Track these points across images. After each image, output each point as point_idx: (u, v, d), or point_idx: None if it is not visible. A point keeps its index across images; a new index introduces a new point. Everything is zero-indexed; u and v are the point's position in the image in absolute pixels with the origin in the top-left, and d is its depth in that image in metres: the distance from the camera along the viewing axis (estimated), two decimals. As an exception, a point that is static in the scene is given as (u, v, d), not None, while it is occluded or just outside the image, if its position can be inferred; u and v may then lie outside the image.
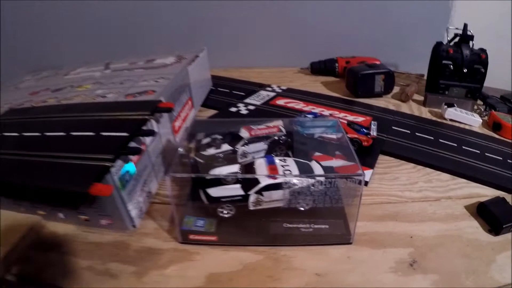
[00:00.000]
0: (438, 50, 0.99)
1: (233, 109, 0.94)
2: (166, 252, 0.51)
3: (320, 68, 1.24)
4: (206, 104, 0.97)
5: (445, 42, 1.01)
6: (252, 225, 0.53)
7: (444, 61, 0.99)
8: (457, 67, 0.98)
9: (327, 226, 0.53)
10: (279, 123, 0.65)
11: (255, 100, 0.99)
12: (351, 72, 1.04)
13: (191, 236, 0.52)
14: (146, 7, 1.38)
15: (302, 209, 0.53)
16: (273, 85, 1.11)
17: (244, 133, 0.63)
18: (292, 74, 1.27)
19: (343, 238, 0.51)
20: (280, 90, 1.07)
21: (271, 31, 1.32)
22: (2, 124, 0.71)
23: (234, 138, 0.62)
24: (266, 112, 0.92)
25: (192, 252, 0.51)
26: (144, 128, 0.58)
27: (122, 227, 0.55)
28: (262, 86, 1.10)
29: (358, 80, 1.02)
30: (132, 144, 0.54)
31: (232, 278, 0.47)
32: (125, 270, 0.48)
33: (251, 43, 1.33)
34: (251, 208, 0.52)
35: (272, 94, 1.03)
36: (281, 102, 0.98)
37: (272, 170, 0.52)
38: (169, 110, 0.63)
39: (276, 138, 0.63)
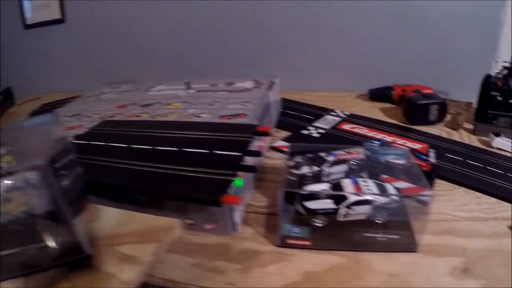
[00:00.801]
0: (487, 82, 1.09)
1: (305, 132, 1.09)
2: (265, 254, 0.63)
3: (377, 94, 1.40)
4: (278, 126, 1.13)
5: (492, 72, 1.12)
6: (339, 233, 0.66)
7: (492, 93, 1.06)
8: (504, 98, 1.05)
9: (398, 237, 0.66)
10: (359, 150, 0.80)
11: (323, 124, 1.15)
12: (409, 101, 1.19)
13: (289, 241, 0.64)
14: (218, 29, 1.61)
15: (378, 221, 0.68)
16: (337, 110, 1.26)
17: (329, 157, 0.79)
18: (351, 99, 1.43)
19: (410, 247, 0.63)
20: (344, 116, 1.22)
21: (332, 56, 1.50)
22: (105, 135, 0.85)
23: (320, 160, 0.78)
24: (335, 136, 1.07)
25: (288, 254, 0.63)
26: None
27: (225, 232, 0.67)
28: (327, 111, 1.26)
29: (415, 109, 1.17)
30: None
31: (323, 276, 0.58)
32: (231, 267, 0.60)
33: (312, 67, 1.51)
34: (340, 219, 0.67)
35: (338, 119, 1.19)
36: (347, 127, 1.13)
37: (357, 188, 0.67)
38: (266, 134, 0.81)
39: (354, 162, 0.79)
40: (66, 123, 1.05)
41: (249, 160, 0.74)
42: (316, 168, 0.77)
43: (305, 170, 0.76)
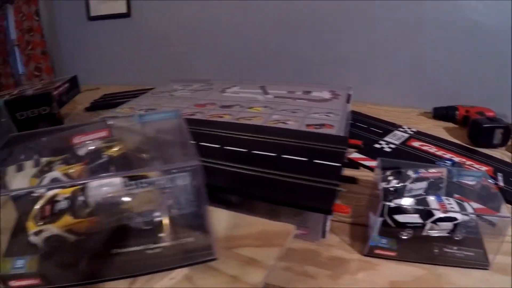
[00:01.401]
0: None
1: (377, 146, 1.16)
2: (353, 261, 0.66)
3: (441, 113, 1.47)
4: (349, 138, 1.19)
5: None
6: (421, 246, 0.68)
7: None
8: None
9: (472, 254, 0.70)
10: (441, 170, 0.86)
11: (393, 139, 1.21)
12: (475, 123, 1.25)
13: (376, 251, 0.67)
14: (286, 36, 1.72)
15: (457, 238, 0.73)
16: (404, 126, 1.32)
17: (412, 173, 0.83)
18: (415, 116, 1.49)
19: (483, 264, 0.66)
20: (411, 132, 1.28)
21: (399, 72, 1.59)
22: (192, 134, 0.90)
23: (402, 176, 0.82)
24: (406, 152, 1.12)
25: (374, 263, 0.66)
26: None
27: (315, 238, 0.70)
28: (395, 126, 1.33)
29: (481, 132, 1.23)
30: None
31: (408, 286, 0.61)
32: (321, 273, 0.63)
33: (379, 80, 1.61)
34: (424, 233, 0.72)
35: (406, 135, 1.25)
36: (416, 144, 1.19)
37: (442, 206, 0.73)
38: (358, 147, 0.89)
39: (433, 180, 0.85)
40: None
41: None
42: (398, 183, 0.81)
43: (388, 184, 0.80)
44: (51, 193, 0.58)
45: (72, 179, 0.65)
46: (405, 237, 0.71)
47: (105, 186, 0.55)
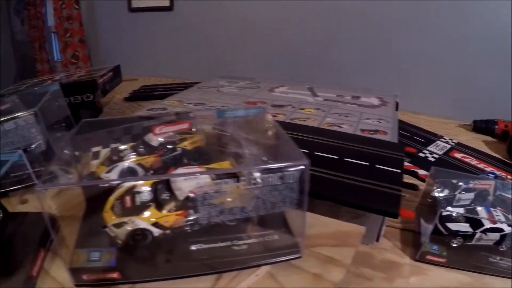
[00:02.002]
0: None
1: (421, 155, 1.18)
2: (405, 266, 0.68)
3: (481, 127, 1.48)
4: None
5: None
6: (468, 255, 0.69)
7: None
8: None
9: None
10: (490, 183, 0.87)
11: (436, 149, 1.23)
12: (515, 139, 1.27)
13: (427, 257, 0.69)
14: (332, 40, 1.77)
15: (502, 248, 0.74)
16: (446, 137, 1.35)
17: (461, 183, 0.84)
18: (455, 128, 1.51)
19: None
20: (453, 143, 1.31)
21: (441, 82, 1.63)
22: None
23: (451, 186, 0.84)
24: (448, 163, 1.15)
25: (425, 268, 0.67)
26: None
27: (369, 241, 0.72)
28: (437, 136, 1.35)
29: (520, 147, 1.23)
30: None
31: None
32: (376, 275, 0.65)
33: (421, 90, 1.64)
34: (472, 242, 0.74)
35: (448, 146, 1.27)
36: (458, 155, 1.21)
37: (491, 216, 0.76)
38: (412, 155, 0.93)
39: (480, 191, 0.85)
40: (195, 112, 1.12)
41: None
42: (448, 193, 0.84)
43: (439, 193, 0.83)
44: (128, 184, 0.57)
45: (146, 169, 0.67)
46: (455, 245, 0.73)
47: (193, 180, 0.54)
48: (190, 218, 0.55)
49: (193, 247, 0.57)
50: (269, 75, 1.77)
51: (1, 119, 0.82)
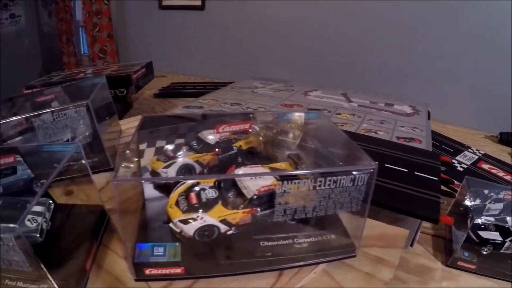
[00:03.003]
0: None
1: (443, 168, 1.21)
2: (437, 271, 0.70)
3: (507, 139, 1.50)
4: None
5: None
6: (497, 262, 0.72)
7: None
8: None
9: None
10: None
11: (464, 159, 1.26)
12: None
13: (459, 263, 0.71)
14: (363, 46, 1.80)
15: None
16: (473, 148, 1.37)
17: (491, 194, 0.86)
18: (481, 139, 1.53)
19: None
20: (480, 154, 1.32)
21: (469, 93, 1.66)
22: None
23: (482, 195, 0.86)
24: (476, 174, 1.16)
25: (456, 274, 0.70)
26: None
27: (405, 246, 0.73)
28: (464, 146, 1.37)
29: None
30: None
31: None
32: (411, 279, 0.68)
33: (449, 99, 1.66)
34: (501, 251, 0.76)
35: (475, 156, 1.29)
36: (485, 166, 1.23)
37: None
38: (447, 164, 0.96)
39: (509, 202, 0.85)
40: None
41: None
42: (479, 202, 0.86)
43: (471, 202, 0.85)
44: (190, 181, 0.59)
45: (203, 166, 0.69)
46: (485, 253, 0.75)
47: (259, 180, 0.56)
48: (257, 215, 0.57)
49: (257, 245, 0.58)
50: (297, 78, 1.80)
51: (53, 109, 0.82)
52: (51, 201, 0.62)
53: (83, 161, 0.68)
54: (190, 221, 0.56)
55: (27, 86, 1.37)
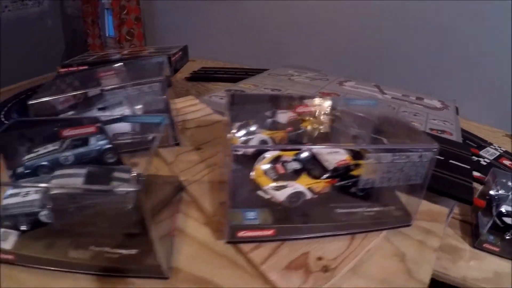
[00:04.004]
0: None
1: (474, 158, 1.26)
2: (465, 251, 0.78)
3: (527, 139, 1.58)
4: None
5: None
6: None
7: None
8: None
9: None
10: None
11: (487, 154, 1.31)
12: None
13: (484, 245, 0.78)
14: (393, 39, 1.86)
15: None
16: (495, 144, 1.43)
17: None
18: (501, 137, 1.59)
19: None
20: (501, 151, 1.39)
21: (492, 90, 1.74)
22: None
23: (507, 186, 0.93)
24: (499, 168, 1.19)
25: (482, 255, 0.78)
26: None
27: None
28: (487, 143, 1.43)
29: None
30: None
31: (507, 278, 0.72)
32: (443, 256, 0.75)
33: (472, 97, 1.73)
34: None
35: (497, 153, 1.35)
36: (506, 162, 1.30)
37: None
38: (476, 155, 1.07)
39: None
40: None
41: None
42: (503, 192, 0.92)
43: (495, 192, 0.92)
44: (275, 153, 0.66)
45: (275, 143, 0.77)
46: (508, 237, 0.80)
47: (337, 155, 0.65)
48: (335, 185, 0.65)
49: (333, 211, 0.66)
50: (327, 68, 1.88)
51: (128, 83, 0.87)
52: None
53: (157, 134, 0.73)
54: (283, 187, 0.63)
55: (63, 64, 1.44)
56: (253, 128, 0.79)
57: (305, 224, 0.64)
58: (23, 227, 0.60)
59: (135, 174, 0.64)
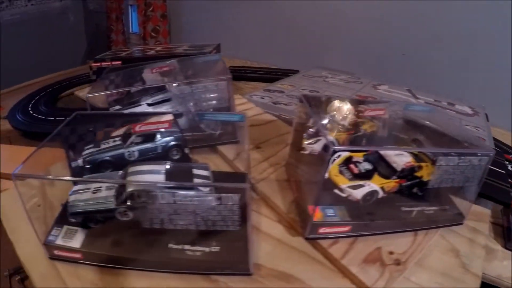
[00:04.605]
0: None
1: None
2: (498, 251, 0.80)
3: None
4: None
5: None
6: None
7: None
8: None
9: None
10: None
11: None
12: None
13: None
14: (421, 45, 1.86)
15: None
16: None
17: None
18: None
19: None
20: None
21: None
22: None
23: None
24: None
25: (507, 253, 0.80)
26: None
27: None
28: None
29: None
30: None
31: None
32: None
33: (497, 103, 1.77)
34: None
35: None
36: None
37: None
38: (510, 161, 1.16)
39: None
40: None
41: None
42: None
43: None
44: (346, 154, 0.70)
45: (339, 144, 0.79)
46: None
47: (403, 157, 0.70)
48: (402, 185, 0.70)
49: (399, 210, 0.71)
50: (354, 71, 1.91)
51: (194, 80, 0.90)
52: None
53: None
54: (360, 186, 0.67)
55: (95, 59, 1.53)
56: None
57: (373, 221, 0.68)
58: (92, 224, 0.62)
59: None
